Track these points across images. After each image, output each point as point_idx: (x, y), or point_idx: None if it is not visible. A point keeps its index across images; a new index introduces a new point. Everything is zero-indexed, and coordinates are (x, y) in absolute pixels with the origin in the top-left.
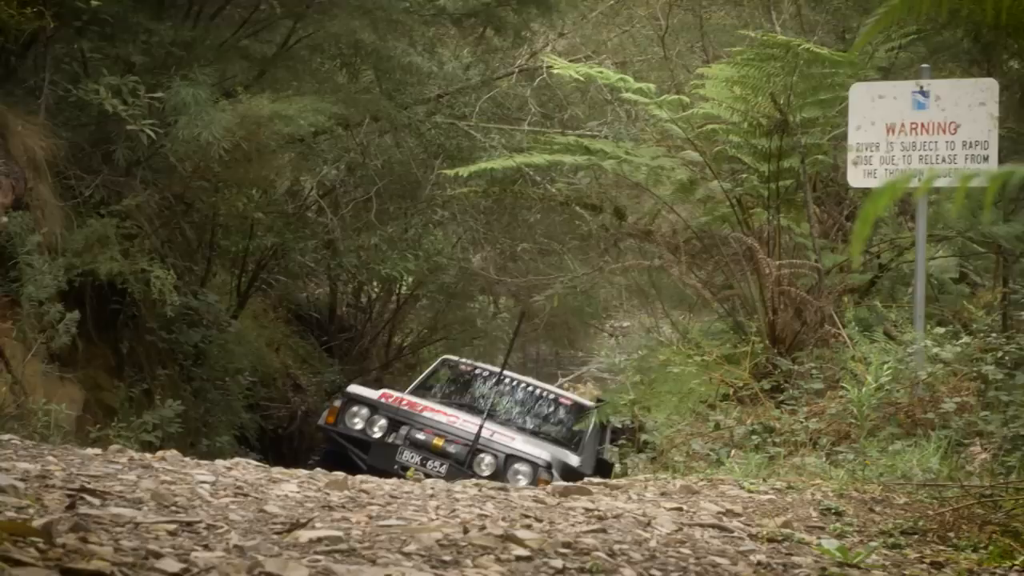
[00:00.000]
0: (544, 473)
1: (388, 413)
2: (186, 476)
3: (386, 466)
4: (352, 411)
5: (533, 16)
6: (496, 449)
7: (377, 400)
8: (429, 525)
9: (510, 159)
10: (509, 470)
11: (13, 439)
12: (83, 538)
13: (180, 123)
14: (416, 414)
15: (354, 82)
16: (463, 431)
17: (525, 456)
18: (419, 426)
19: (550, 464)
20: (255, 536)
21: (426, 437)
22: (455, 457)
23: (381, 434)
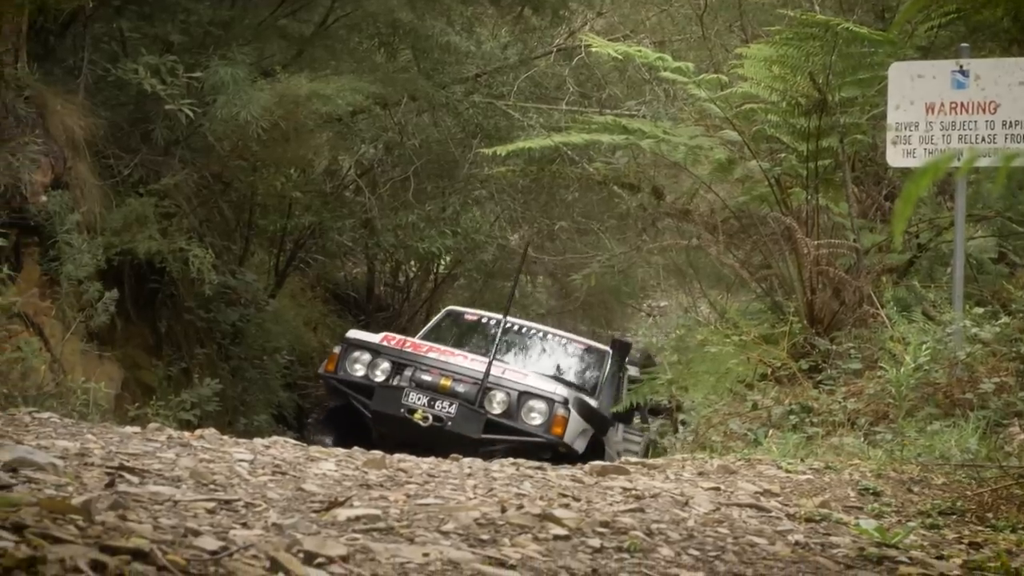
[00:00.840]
0: (561, 409)
1: (391, 356)
2: (224, 455)
3: (391, 410)
4: (353, 356)
5: None
6: (508, 386)
7: (379, 344)
8: (467, 504)
9: (548, 138)
10: (522, 408)
11: (52, 417)
12: (122, 516)
13: (218, 102)
14: (421, 355)
15: (392, 61)
16: (472, 369)
17: (539, 392)
18: (424, 367)
19: (567, 400)
20: (293, 514)
21: (432, 378)
22: (464, 396)
23: (384, 377)
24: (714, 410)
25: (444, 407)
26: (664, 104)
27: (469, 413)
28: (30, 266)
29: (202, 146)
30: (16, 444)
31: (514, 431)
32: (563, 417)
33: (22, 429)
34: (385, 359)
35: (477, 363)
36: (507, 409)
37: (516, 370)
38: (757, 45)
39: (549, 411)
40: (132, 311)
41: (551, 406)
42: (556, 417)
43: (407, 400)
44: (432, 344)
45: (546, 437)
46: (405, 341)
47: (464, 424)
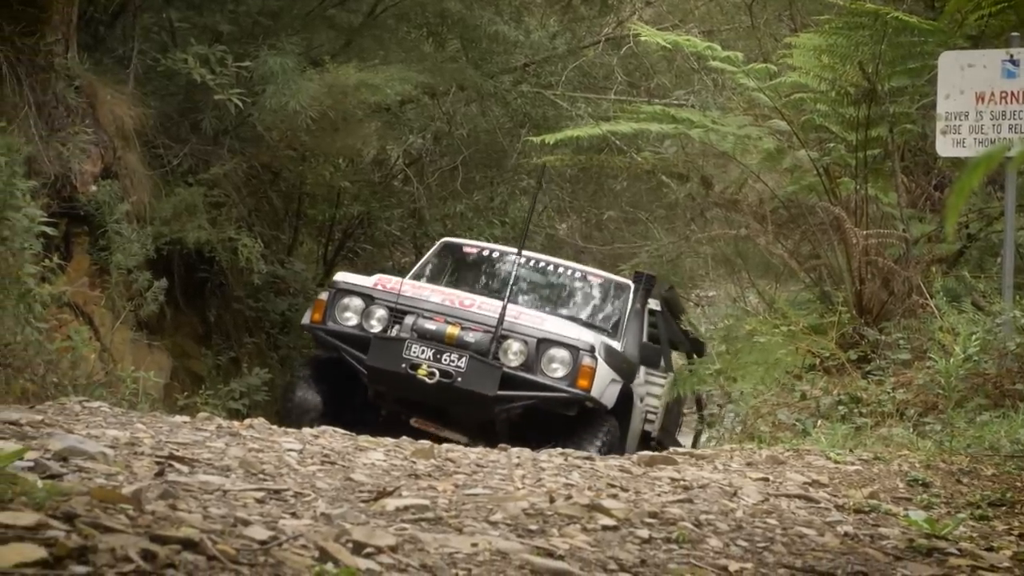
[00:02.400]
0: (587, 359)
1: (387, 302)
2: (273, 444)
3: (391, 365)
4: (343, 304)
5: None
6: (525, 333)
7: (372, 288)
8: (515, 494)
9: (596, 128)
10: (542, 358)
11: (102, 406)
12: (172, 505)
13: (267, 92)
14: (422, 300)
15: (440, 51)
16: (482, 315)
17: (562, 340)
18: (427, 314)
19: (593, 348)
20: (342, 504)
21: (437, 326)
22: (475, 347)
23: (381, 327)
24: (762, 400)
25: (452, 360)
26: (713, 93)
27: (481, 367)
28: (80, 255)
29: (251, 136)
30: (67, 433)
31: (534, 386)
32: (589, 368)
33: (72, 418)
34: (381, 306)
35: (488, 307)
36: (525, 360)
37: (533, 314)
38: (806, 34)
39: (573, 361)
40: (181, 300)
41: (575, 355)
42: (582, 368)
43: (409, 354)
44: (435, 287)
45: (571, 391)
46: (403, 284)
47: (476, 380)
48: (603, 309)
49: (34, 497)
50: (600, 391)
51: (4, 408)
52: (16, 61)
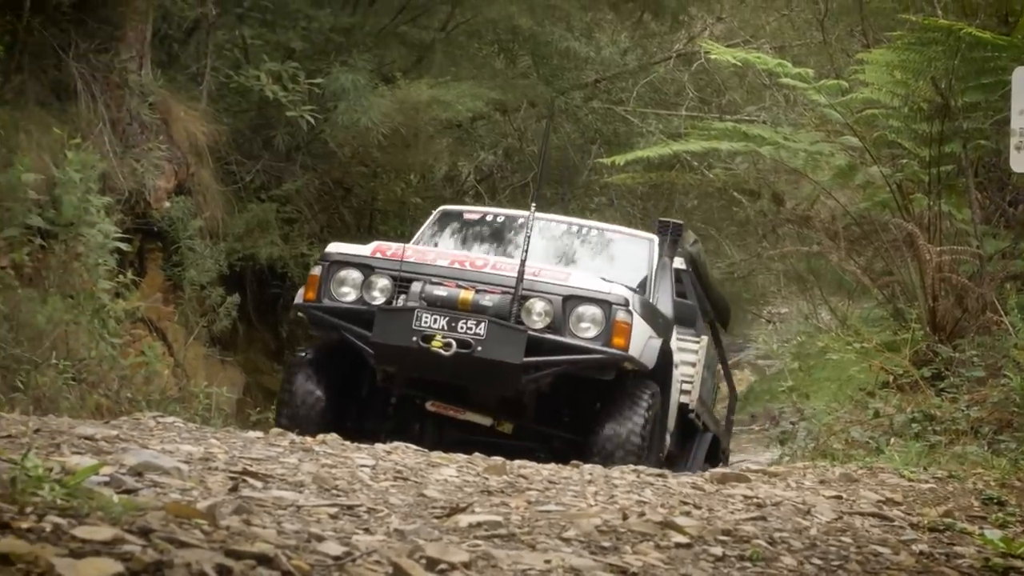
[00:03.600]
0: (621, 314)
1: (389, 270)
2: (346, 460)
3: (400, 340)
4: (339, 277)
5: (691, 0)
6: (548, 291)
7: (371, 257)
8: (588, 511)
9: (667, 146)
10: (571, 316)
11: (176, 422)
12: (246, 520)
13: (339, 109)
14: (429, 264)
15: (512, 67)
16: (498, 275)
17: (591, 294)
18: (436, 279)
19: (627, 301)
20: (415, 520)
21: (449, 292)
22: (494, 311)
23: (385, 298)
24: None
25: (470, 328)
26: (784, 110)
27: (503, 332)
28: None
29: (323, 152)
30: (141, 448)
31: (564, 348)
32: (625, 324)
33: (147, 433)
34: (383, 275)
35: (503, 267)
36: (552, 321)
37: (556, 270)
38: (878, 50)
39: (606, 318)
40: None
41: (608, 311)
42: (616, 324)
43: (420, 324)
44: (440, 249)
45: (606, 351)
46: (404, 249)
47: (499, 347)
48: (627, 266)
49: (110, 512)
50: (639, 349)
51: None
52: (91, 78)
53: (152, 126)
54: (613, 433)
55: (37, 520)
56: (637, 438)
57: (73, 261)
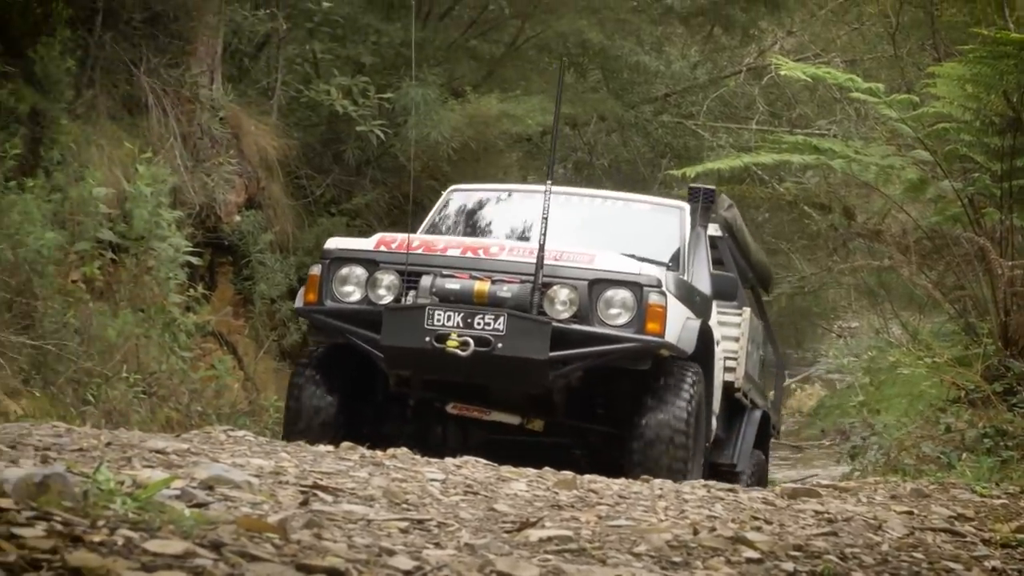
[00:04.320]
0: (654, 296)
1: (395, 264)
2: (416, 474)
3: (412, 341)
4: (341, 275)
5: (761, 14)
6: (572, 276)
7: (374, 251)
8: (659, 526)
9: (738, 159)
10: (598, 303)
11: (247, 435)
12: (317, 535)
13: (409, 123)
14: (439, 255)
15: (582, 81)
16: (515, 262)
17: (619, 276)
18: (447, 271)
19: (659, 281)
20: (485, 534)
21: (462, 284)
22: (514, 302)
23: (393, 296)
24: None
25: (488, 323)
26: (855, 123)
27: (525, 325)
28: (224, 285)
29: (393, 166)
30: (212, 462)
31: (593, 339)
32: (659, 307)
33: (217, 447)
34: (388, 271)
35: (520, 252)
36: (578, 309)
37: (578, 252)
38: (950, 64)
39: (638, 302)
40: None
41: (639, 294)
42: (649, 308)
43: (432, 323)
44: (450, 238)
45: (640, 339)
46: (411, 240)
47: (521, 342)
48: (657, 240)
49: (181, 525)
50: (675, 334)
51: (150, 437)
52: (162, 92)
53: (223, 140)
54: (654, 423)
55: (109, 534)
56: (681, 426)
57: (144, 275)
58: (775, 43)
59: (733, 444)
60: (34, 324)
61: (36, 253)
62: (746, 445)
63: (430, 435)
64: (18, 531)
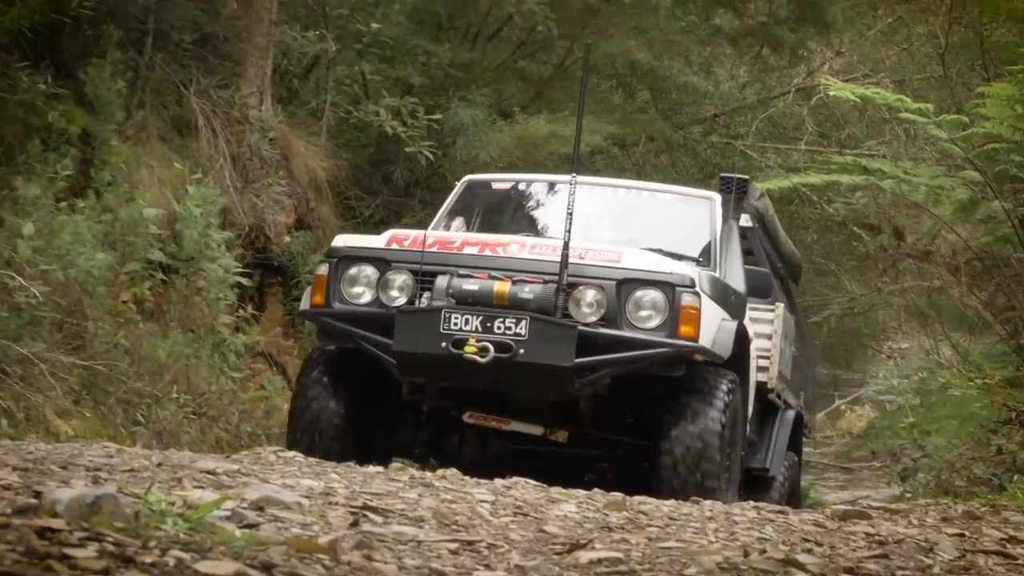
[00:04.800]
0: (687, 296)
1: (409, 263)
2: (466, 495)
3: (426, 347)
4: (350, 275)
5: (810, 35)
6: (599, 276)
7: (385, 249)
8: (709, 548)
9: (787, 179)
10: (627, 304)
11: (297, 456)
12: (367, 556)
13: (458, 143)
14: (455, 254)
15: (630, 102)
16: (537, 261)
17: (650, 276)
18: (464, 270)
19: (693, 281)
20: (535, 556)
21: (480, 285)
22: (537, 304)
23: (406, 298)
24: (957, 454)
25: (508, 327)
26: (904, 144)
27: (549, 329)
28: (273, 306)
29: (442, 187)
30: (262, 483)
31: (622, 344)
32: (692, 308)
33: (267, 468)
34: (401, 270)
35: (542, 250)
36: (605, 312)
37: (605, 249)
38: (999, 84)
39: (670, 303)
40: None
41: (671, 295)
42: (682, 310)
43: (448, 327)
44: (467, 235)
45: (673, 344)
46: (426, 238)
47: (545, 348)
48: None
49: (232, 546)
50: (710, 337)
51: (201, 457)
52: (212, 114)
53: (272, 161)
54: (685, 436)
55: (160, 555)
56: (715, 440)
57: (194, 296)
58: (824, 63)
59: (766, 447)
60: (85, 345)
61: (87, 274)
62: (779, 447)
63: (446, 444)
64: (70, 552)
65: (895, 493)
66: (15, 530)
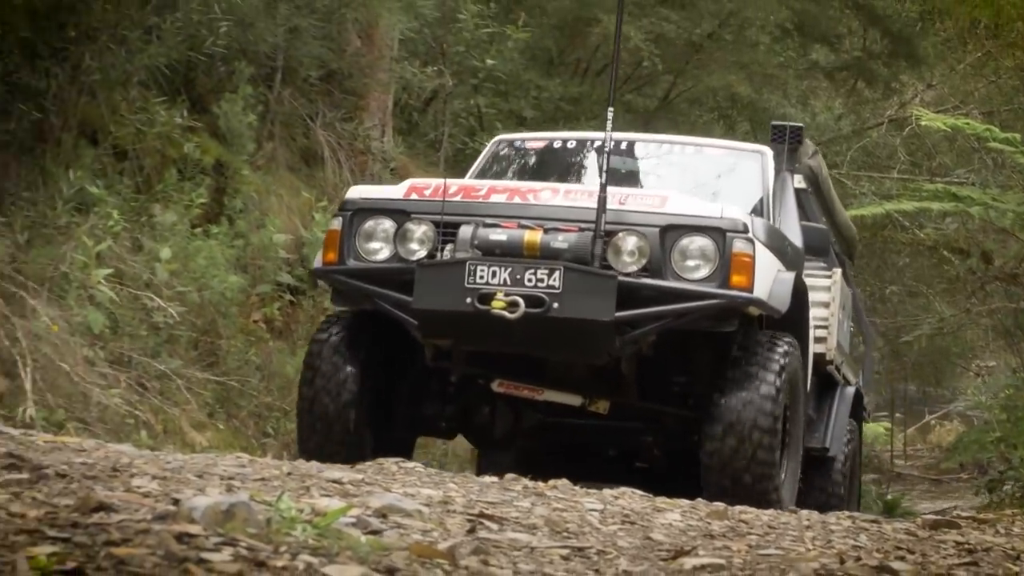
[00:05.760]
0: (739, 243)
1: (430, 214)
2: (576, 504)
3: (449, 303)
4: (366, 230)
5: (902, 69)
6: (641, 223)
7: (404, 200)
8: (807, 555)
9: (880, 206)
10: (673, 253)
11: (417, 467)
12: (484, 561)
13: None
14: (481, 202)
15: (730, 133)
16: (572, 208)
17: (697, 221)
18: (491, 219)
19: (746, 226)
20: (642, 562)
21: (509, 235)
22: (571, 254)
23: (427, 251)
24: None
25: (540, 279)
26: (993, 172)
27: (586, 280)
28: None
29: None
30: (385, 492)
31: (667, 296)
32: (746, 256)
33: (389, 478)
34: (422, 221)
35: (578, 196)
36: (648, 261)
37: (648, 194)
38: None
39: (719, 249)
40: None
41: (722, 241)
42: (735, 258)
43: (474, 280)
44: (494, 182)
45: (724, 295)
46: (450, 186)
47: (581, 301)
48: (737, 189)
49: (358, 551)
50: (766, 289)
51: (327, 467)
52: (337, 145)
53: None
54: (739, 405)
55: (291, 559)
56: (769, 409)
57: (320, 316)
58: (916, 96)
59: (824, 425)
60: (218, 361)
61: (220, 295)
62: (839, 426)
63: (476, 417)
64: (206, 556)
65: (983, 503)
66: (155, 535)
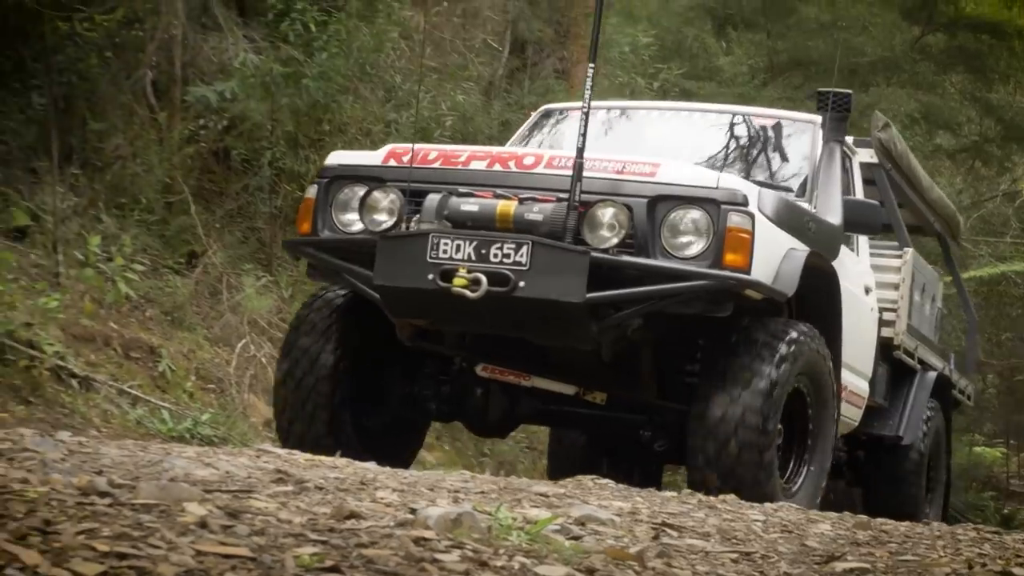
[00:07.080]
0: (735, 217)
1: (400, 180)
2: (742, 515)
3: (408, 280)
4: (341, 199)
5: (1014, 150)
6: (628, 192)
7: (382, 167)
8: (939, 560)
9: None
10: (662, 227)
11: (609, 483)
12: (667, 563)
13: None
14: (460, 169)
15: None
16: (556, 176)
17: (688, 192)
18: (464, 188)
19: (744, 198)
20: (800, 565)
21: (480, 206)
22: (547, 227)
23: (393, 221)
24: None
25: (507, 254)
26: None
27: (554, 256)
28: None
29: None
30: (583, 503)
31: (650, 275)
32: (742, 231)
33: (586, 491)
34: (391, 189)
35: (565, 163)
36: (634, 236)
37: (638, 160)
38: None
39: (712, 223)
40: None
41: (714, 214)
42: (730, 233)
43: (436, 254)
44: (477, 148)
45: (715, 275)
46: (429, 152)
47: (549, 280)
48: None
49: (562, 554)
50: (769, 270)
51: (535, 483)
52: None
53: None
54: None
55: (508, 560)
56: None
57: None
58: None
59: (899, 413)
60: None
61: None
62: (915, 414)
63: (470, 401)
64: (439, 556)
65: None
66: (397, 539)
